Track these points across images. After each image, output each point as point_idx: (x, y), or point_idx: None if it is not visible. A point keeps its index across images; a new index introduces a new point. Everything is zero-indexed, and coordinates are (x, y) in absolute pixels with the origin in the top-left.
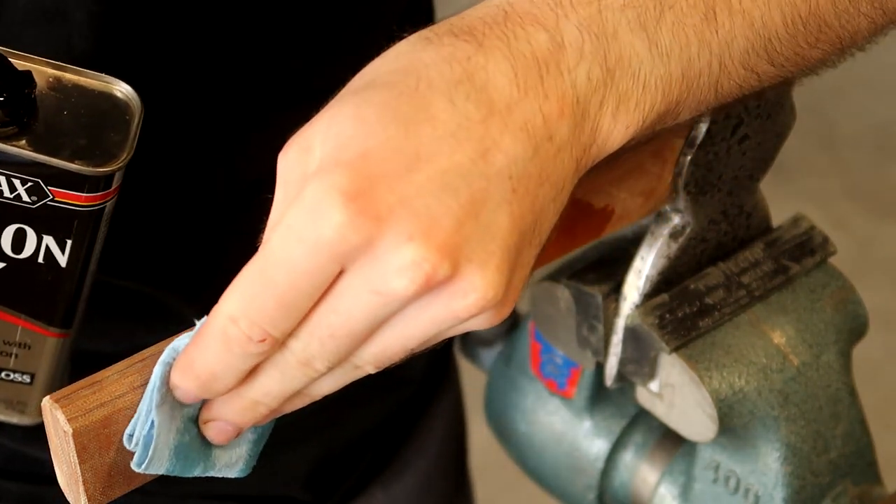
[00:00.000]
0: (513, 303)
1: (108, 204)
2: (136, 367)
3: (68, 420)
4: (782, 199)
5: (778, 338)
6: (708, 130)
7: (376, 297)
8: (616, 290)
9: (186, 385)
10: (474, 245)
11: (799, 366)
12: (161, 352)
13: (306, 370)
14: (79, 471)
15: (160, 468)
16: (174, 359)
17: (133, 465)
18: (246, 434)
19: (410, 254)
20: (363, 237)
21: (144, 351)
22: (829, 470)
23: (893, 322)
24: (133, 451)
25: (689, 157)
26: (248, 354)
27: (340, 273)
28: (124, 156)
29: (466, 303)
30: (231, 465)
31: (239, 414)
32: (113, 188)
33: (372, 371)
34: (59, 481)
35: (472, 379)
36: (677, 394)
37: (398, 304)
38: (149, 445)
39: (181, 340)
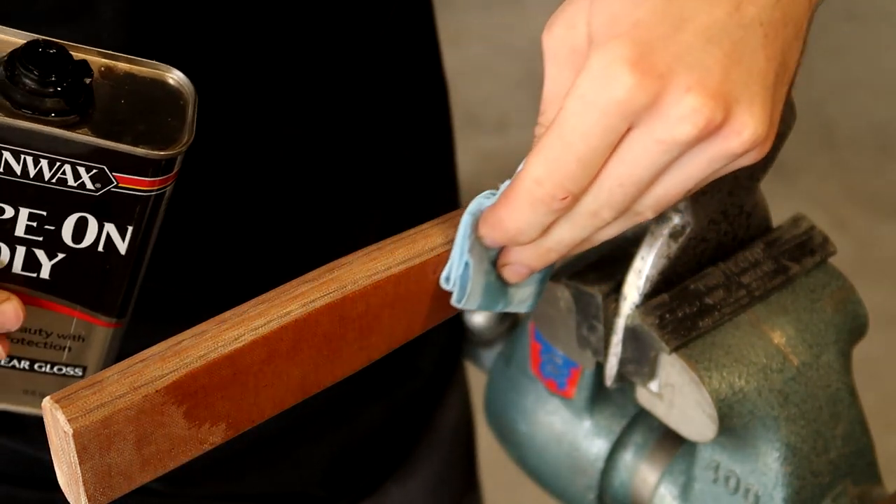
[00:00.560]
0: (773, 137)
1: (168, 188)
2: (136, 367)
3: (68, 420)
4: (782, 199)
5: (778, 338)
6: None
7: (661, 145)
8: (616, 289)
9: (495, 237)
10: (741, 88)
11: (799, 366)
12: (165, 348)
13: (595, 220)
14: (79, 471)
15: (473, 304)
16: (479, 212)
17: (453, 302)
18: (535, 275)
19: (690, 103)
20: (650, 95)
21: (145, 351)
22: (829, 470)
23: (893, 322)
24: (450, 290)
25: None
26: (551, 211)
27: (627, 131)
28: (185, 139)
29: (741, 139)
30: (522, 301)
31: (534, 259)
32: (174, 172)
33: (650, 216)
34: (59, 481)
35: (472, 379)
36: (677, 394)
37: (680, 150)
38: (465, 285)
39: (484, 198)
